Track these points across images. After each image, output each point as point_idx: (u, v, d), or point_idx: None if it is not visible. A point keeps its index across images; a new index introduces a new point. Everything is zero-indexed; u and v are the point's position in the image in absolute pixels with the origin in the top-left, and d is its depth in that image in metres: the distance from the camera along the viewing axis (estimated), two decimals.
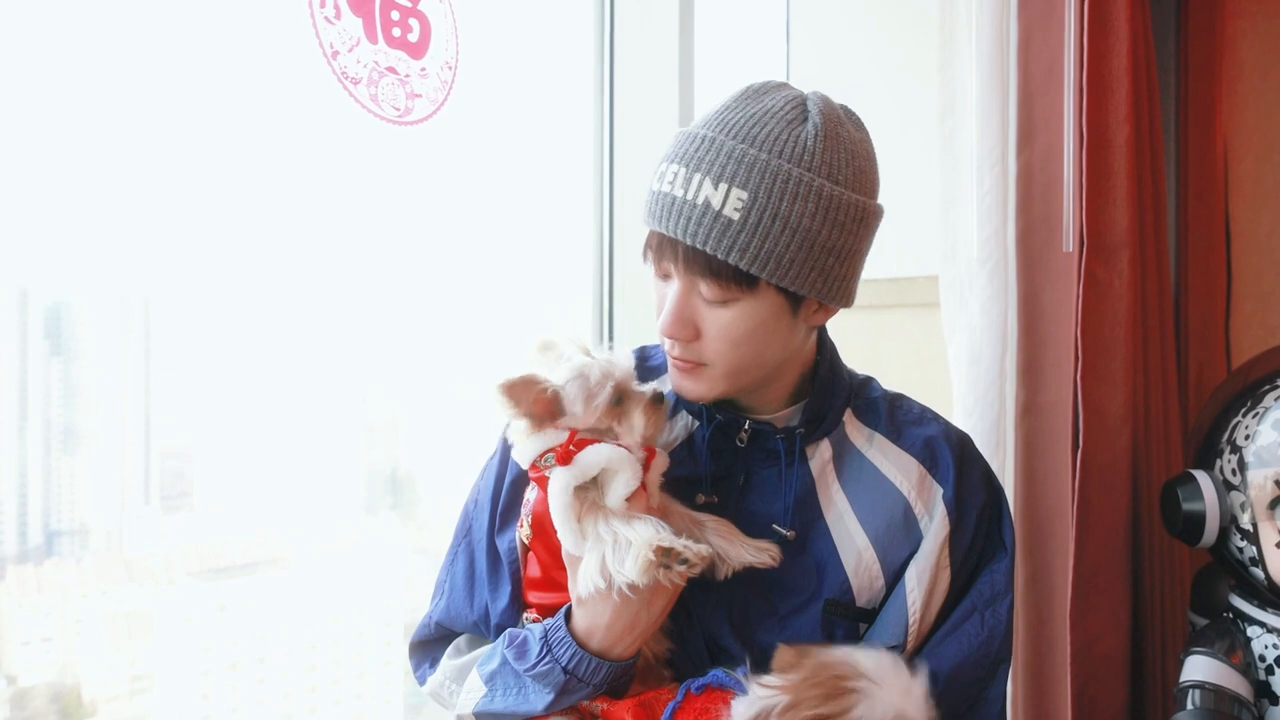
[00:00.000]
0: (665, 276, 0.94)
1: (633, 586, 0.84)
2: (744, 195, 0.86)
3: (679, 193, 0.88)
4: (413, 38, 1.50)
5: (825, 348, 1.04)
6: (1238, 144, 1.91)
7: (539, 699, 0.91)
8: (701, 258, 0.88)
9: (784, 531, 0.96)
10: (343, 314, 1.62)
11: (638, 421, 0.91)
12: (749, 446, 0.99)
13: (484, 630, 1.04)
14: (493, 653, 0.98)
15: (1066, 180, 1.43)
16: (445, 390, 1.81)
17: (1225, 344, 1.89)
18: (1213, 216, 1.93)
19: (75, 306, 1.42)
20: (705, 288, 0.90)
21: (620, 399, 0.91)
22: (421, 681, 1.09)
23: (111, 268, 1.41)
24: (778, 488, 0.98)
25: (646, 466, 0.92)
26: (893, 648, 0.93)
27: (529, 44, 1.84)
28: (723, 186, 0.86)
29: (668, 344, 0.95)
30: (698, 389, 0.96)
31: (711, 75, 1.87)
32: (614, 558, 0.86)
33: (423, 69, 1.51)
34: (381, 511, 1.80)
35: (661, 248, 0.92)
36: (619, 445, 0.91)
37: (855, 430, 1.01)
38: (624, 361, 0.93)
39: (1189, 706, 1.17)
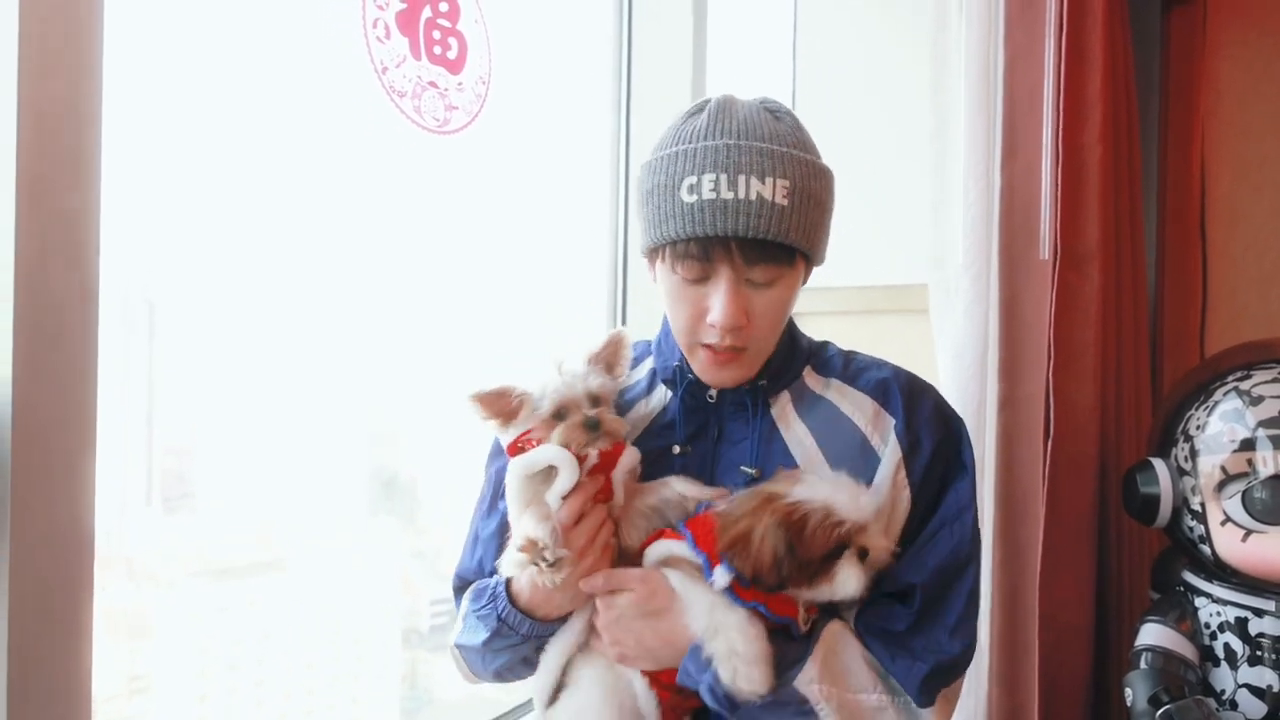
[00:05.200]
0: (699, 280, 1.04)
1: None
2: (787, 184, 0.99)
3: (728, 195, 0.99)
4: (451, 55, 1.63)
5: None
6: (1215, 165, 1.99)
7: (479, 636, 1.11)
8: (759, 246, 1.00)
9: (750, 470, 1.10)
10: (349, 317, 1.62)
11: (555, 435, 1.03)
12: (719, 402, 1.13)
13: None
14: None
15: (1044, 194, 1.56)
16: (449, 395, 1.72)
17: (1200, 353, 1.98)
18: (1189, 233, 2.02)
19: None
20: (759, 273, 1.02)
21: (561, 413, 1.04)
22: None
23: (115, 265, 1.33)
24: (745, 433, 1.12)
25: (612, 462, 1.06)
26: None
27: (554, 62, 1.95)
28: (769, 180, 0.99)
29: (716, 337, 1.04)
30: (739, 373, 1.09)
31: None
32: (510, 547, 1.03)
33: (460, 83, 1.64)
34: (382, 515, 1.80)
35: (709, 250, 1.01)
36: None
37: (814, 380, 1.15)
38: (587, 383, 1.05)
39: (1141, 667, 1.30)
